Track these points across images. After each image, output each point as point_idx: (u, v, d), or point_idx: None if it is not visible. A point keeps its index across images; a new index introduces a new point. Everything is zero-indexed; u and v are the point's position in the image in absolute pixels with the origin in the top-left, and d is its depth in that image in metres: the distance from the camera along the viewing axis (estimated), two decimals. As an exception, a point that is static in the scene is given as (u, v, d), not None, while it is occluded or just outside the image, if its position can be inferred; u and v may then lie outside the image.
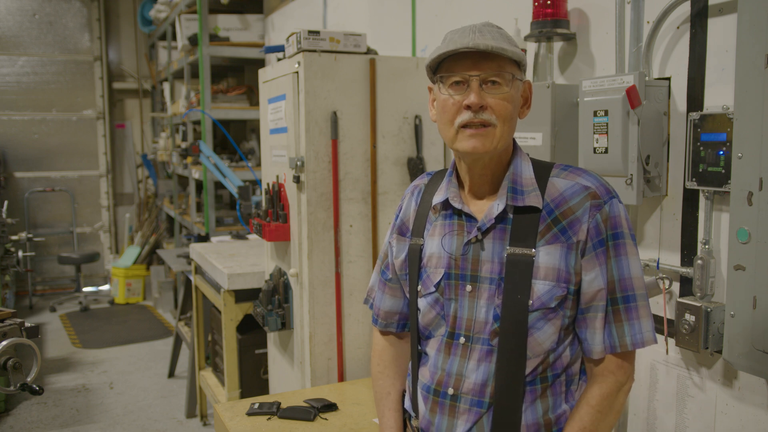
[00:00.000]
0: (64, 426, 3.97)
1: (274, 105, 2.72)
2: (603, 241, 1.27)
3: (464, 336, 1.32)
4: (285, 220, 2.60)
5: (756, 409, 1.67)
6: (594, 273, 1.27)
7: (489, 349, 1.29)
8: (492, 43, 1.22)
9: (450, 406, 1.32)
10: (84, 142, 7.75)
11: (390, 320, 1.54)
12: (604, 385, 1.30)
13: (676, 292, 1.85)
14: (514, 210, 1.30)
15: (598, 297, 1.28)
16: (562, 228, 1.27)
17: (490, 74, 1.25)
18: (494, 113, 1.25)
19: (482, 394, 1.29)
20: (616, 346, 1.28)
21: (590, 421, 1.28)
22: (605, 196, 1.28)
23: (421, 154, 2.60)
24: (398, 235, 1.49)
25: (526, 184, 1.31)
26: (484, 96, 1.25)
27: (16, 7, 7.37)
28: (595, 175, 1.33)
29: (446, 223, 1.37)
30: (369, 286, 1.62)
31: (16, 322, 1.73)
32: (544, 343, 1.28)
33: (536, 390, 1.30)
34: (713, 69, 1.71)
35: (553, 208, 1.28)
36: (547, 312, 1.26)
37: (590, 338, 1.30)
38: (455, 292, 1.33)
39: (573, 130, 1.98)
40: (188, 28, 5.15)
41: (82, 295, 6.76)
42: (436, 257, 1.36)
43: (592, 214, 1.27)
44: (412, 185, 1.52)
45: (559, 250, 1.26)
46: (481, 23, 1.29)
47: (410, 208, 1.48)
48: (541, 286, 1.26)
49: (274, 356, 2.99)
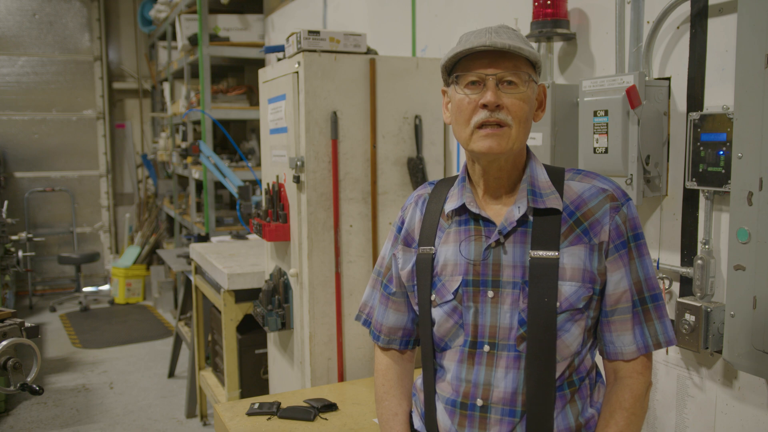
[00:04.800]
0: (64, 426, 3.97)
1: (274, 105, 2.72)
2: (625, 242, 1.28)
3: (488, 344, 1.28)
4: (285, 220, 2.60)
5: (756, 409, 1.67)
6: (619, 274, 1.28)
7: (516, 356, 1.26)
8: (509, 42, 1.22)
9: (480, 419, 1.28)
10: (84, 142, 7.75)
11: (393, 336, 1.49)
12: (635, 387, 1.29)
13: (676, 292, 1.85)
14: (534, 212, 1.29)
15: (623, 299, 1.28)
16: (584, 229, 1.27)
17: (506, 73, 1.24)
18: (510, 113, 1.24)
19: (514, 403, 1.26)
20: (650, 345, 1.28)
21: (626, 424, 1.27)
22: (622, 198, 1.30)
23: (421, 154, 2.60)
24: (404, 246, 1.44)
25: (544, 186, 1.31)
26: (500, 95, 1.24)
27: (16, 7, 7.37)
28: (608, 179, 1.34)
29: (461, 229, 1.34)
30: (362, 301, 1.56)
31: (16, 322, 1.73)
32: (571, 346, 1.27)
33: (566, 395, 1.28)
34: (713, 69, 1.71)
35: (573, 209, 1.29)
36: (574, 313, 1.26)
37: (618, 340, 1.29)
38: (475, 299, 1.30)
39: (573, 130, 1.98)
40: (188, 28, 5.15)
41: (82, 295, 6.76)
42: (452, 264, 1.33)
43: (611, 216, 1.27)
44: (415, 195, 1.48)
45: (583, 250, 1.26)
46: (497, 25, 1.29)
47: (415, 218, 1.44)
48: (568, 287, 1.25)
49: (274, 356, 2.99)
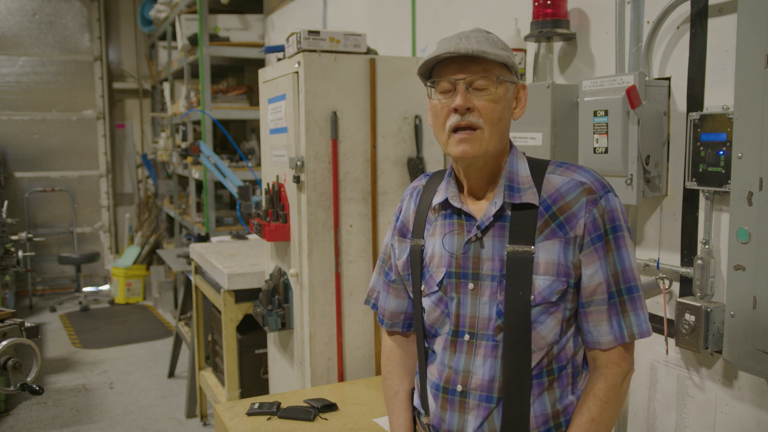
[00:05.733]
0: (64, 426, 3.97)
1: (274, 105, 2.72)
2: (602, 235, 1.29)
3: (468, 333, 1.34)
4: (285, 220, 2.60)
5: (756, 409, 1.67)
6: (594, 267, 1.30)
7: (494, 345, 1.32)
8: (475, 47, 1.25)
9: (460, 403, 1.35)
10: (84, 142, 7.75)
11: (395, 320, 1.56)
12: (609, 376, 1.32)
13: (676, 292, 1.85)
14: (512, 207, 1.32)
15: (599, 291, 1.30)
16: (559, 223, 1.29)
17: (475, 77, 1.27)
18: (481, 116, 1.28)
19: (490, 390, 1.32)
20: (624, 336, 1.31)
21: (598, 411, 1.31)
22: (601, 191, 1.30)
23: (421, 154, 2.60)
24: (399, 236, 1.51)
25: (522, 182, 1.33)
26: (470, 99, 1.27)
27: (16, 7, 7.37)
28: (591, 171, 1.35)
29: (446, 223, 1.40)
30: (369, 286, 1.64)
31: (16, 322, 1.73)
32: (547, 336, 1.31)
33: (543, 383, 1.33)
34: (713, 69, 1.71)
35: (550, 204, 1.31)
36: (548, 306, 1.29)
37: (595, 331, 1.32)
38: (457, 290, 1.35)
39: (573, 130, 1.98)
40: (188, 28, 5.15)
41: (82, 295, 6.76)
42: (438, 257, 1.38)
43: (588, 209, 1.29)
44: (411, 186, 1.54)
45: (557, 245, 1.29)
46: (471, 29, 1.33)
47: (410, 210, 1.50)
48: (542, 281, 1.28)
49: (274, 356, 2.99)
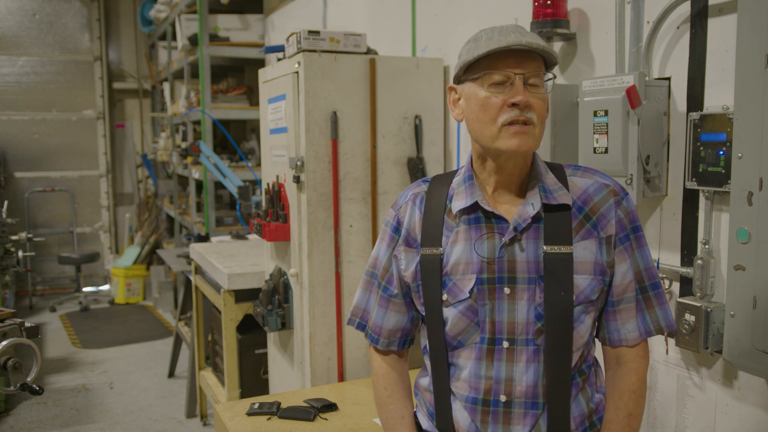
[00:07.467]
0: (64, 426, 3.97)
1: (274, 105, 2.72)
2: (627, 235, 1.34)
3: (507, 339, 1.30)
4: (285, 220, 2.60)
5: (756, 409, 1.67)
6: (625, 265, 1.34)
7: (535, 349, 1.30)
8: (541, 43, 1.23)
9: (504, 414, 1.31)
10: (84, 142, 7.75)
11: (393, 338, 1.48)
12: (640, 369, 1.36)
13: (676, 292, 1.85)
14: (544, 209, 1.32)
15: (629, 288, 1.34)
16: (593, 223, 1.32)
17: (532, 74, 1.25)
18: (535, 113, 1.26)
19: (535, 396, 1.30)
20: (651, 330, 1.36)
21: (634, 405, 1.35)
22: (621, 193, 1.36)
23: (421, 154, 2.60)
24: (406, 246, 1.42)
25: (551, 183, 1.34)
26: (527, 95, 1.25)
27: (16, 7, 7.37)
28: (605, 174, 1.40)
29: (472, 228, 1.33)
30: (354, 305, 1.53)
31: (16, 322, 1.73)
32: (584, 336, 1.33)
33: (578, 383, 1.35)
34: (713, 69, 1.71)
35: (581, 205, 1.33)
36: (588, 305, 1.32)
37: (623, 328, 1.35)
38: (491, 296, 1.30)
39: (573, 130, 1.98)
40: (188, 28, 5.15)
41: (82, 295, 6.76)
42: (464, 263, 1.32)
43: (615, 210, 1.33)
44: (410, 194, 1.45)
45: (594, 244, 1.31)
46: (510, 24, 1.30)
47: (414, 217, 1.41)
48: (582, 280, 1.30)
49: (274, 356, 2.99)
